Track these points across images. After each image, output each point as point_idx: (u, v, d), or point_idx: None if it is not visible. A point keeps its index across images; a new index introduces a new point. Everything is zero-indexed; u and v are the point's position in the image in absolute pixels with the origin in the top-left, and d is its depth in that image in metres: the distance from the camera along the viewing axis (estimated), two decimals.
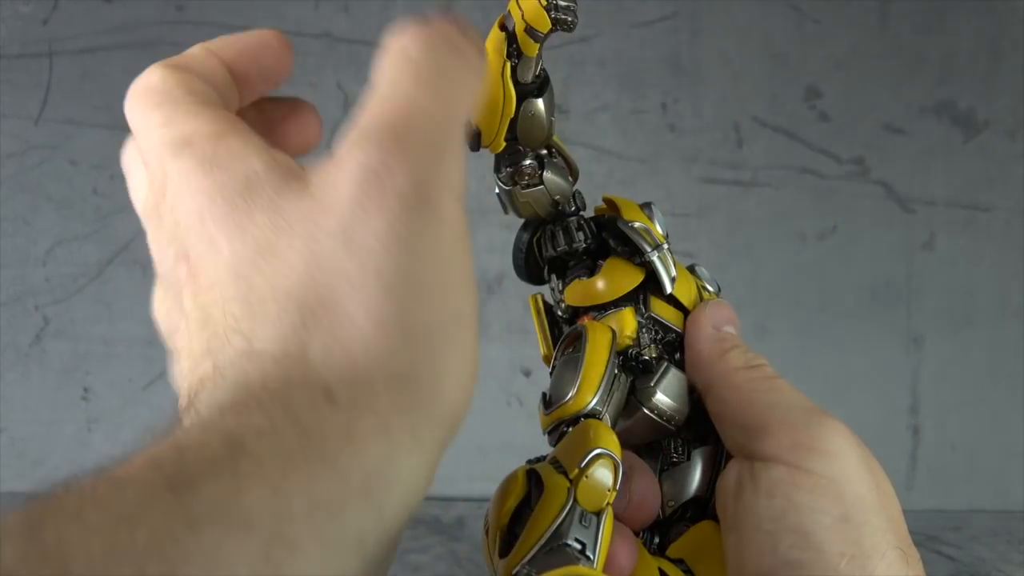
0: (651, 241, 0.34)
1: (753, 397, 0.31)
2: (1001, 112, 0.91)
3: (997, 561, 0.77)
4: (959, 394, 0.92)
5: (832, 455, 0.28)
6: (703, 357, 0.34)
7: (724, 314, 0.35)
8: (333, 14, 0.90)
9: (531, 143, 0.32)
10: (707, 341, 0.34)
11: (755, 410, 0.31)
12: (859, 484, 0.28)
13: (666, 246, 0.35)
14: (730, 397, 0.32)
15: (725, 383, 0.32)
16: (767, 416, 0.30)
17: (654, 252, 0.34)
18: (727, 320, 0.35)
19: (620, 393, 0.33)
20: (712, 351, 0.34)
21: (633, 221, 0.35)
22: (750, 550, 0.28)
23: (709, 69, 0.90)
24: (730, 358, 0.33)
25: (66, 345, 0.92)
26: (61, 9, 0.90)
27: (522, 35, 0.28)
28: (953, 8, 0.90)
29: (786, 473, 0.28)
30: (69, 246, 0.91)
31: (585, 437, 0.30)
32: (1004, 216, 0.92)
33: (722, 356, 0.33)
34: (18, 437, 0.93)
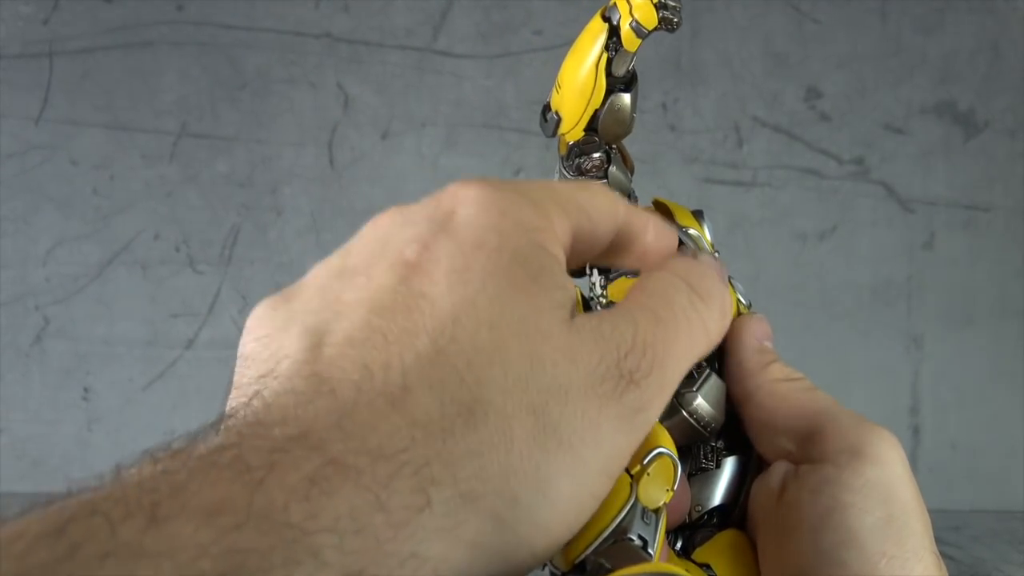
0: (702, 249, 0.35)
1: (800, 404, 0.32)
2: (1001, 112, 0.91)
3: (997, 561, 0.77)
4: (959, 394, 0.92)
5: (881, 461, 0.29)
6: (745, 368, 0.34)
7: (764, 329, 0.36)
8: (333, 14, 0.90)
9: (610, 137, 0.32)
10: (750, 352, 0.35)
11: (804, 415, 0.31)
12: (904, 489, 0.29)
13: (716, 255, 0.35)
14: (775, 405, 0.33)
15: (767, 392, 0.33)
16: (817, 422, 0.31)
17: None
18: (767, 335, 0.36)
19: None
20: (755, 362, 0.34)
21: (687, 227, 0.35)
22: (791, 548, 0.28)
23: (709, 69, 0.90)
24: (772, 370, 0.34)
25: (66, 345, 0.92)
26: (61, 9, 0.90)
27: (627, 29, 0.27)
28: (953, 8, 0.90)
29: (834, 473, 0.29)
30: (69, 246, 0.92)
31: (652, 437, 0.30)
32: (1004, 216, 0.92)
33: (764, 368, 0.34)
34: (18, 437, 0.93)
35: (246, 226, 0.92)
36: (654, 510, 0.28)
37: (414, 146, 0.91)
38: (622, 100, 0.31)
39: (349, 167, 0.92)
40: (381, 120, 0.91)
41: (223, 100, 0.91)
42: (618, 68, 0.30)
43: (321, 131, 0.91)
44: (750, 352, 0.34)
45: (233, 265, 0.92)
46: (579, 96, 0.30)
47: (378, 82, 0.91)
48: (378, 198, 0.92)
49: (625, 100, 0.31)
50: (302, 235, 0.92)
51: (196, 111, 0.91)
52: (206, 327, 0.92)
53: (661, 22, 0.27)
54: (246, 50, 0.90)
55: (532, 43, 0.90)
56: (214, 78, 0.90)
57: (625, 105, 0.31)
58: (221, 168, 0.91)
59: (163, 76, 0.90)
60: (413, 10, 0.90)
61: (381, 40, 0.91)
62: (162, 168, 0.91)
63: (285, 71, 0.90)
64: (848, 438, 0.30)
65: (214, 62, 0.90)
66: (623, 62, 0.29)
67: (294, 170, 0.92)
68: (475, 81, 0.90)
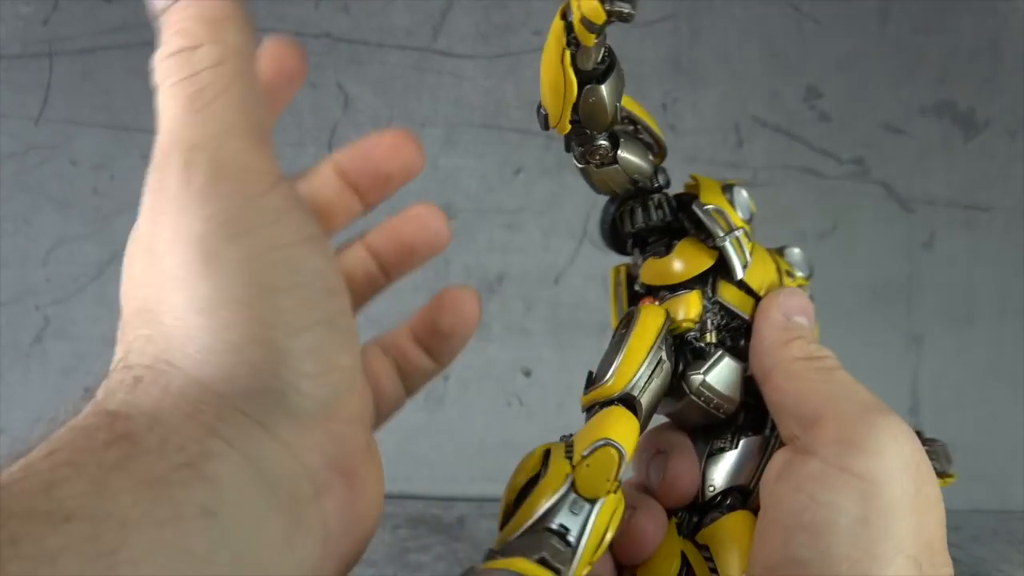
0: (724, 225, 0.34)
1: (810, 387, 0.31)
2: (1001, 112, 0.91)
3: (997, 561, 0.77)
4: (959, 394, 0.92)
5: (874, 454, 0.28)
6: (765, 344, 0.33)
7: (797, 303, 0.34)
8: (333, 14, 0.90)
9: (594, 126, 0.32)
10: (772, 328, 0.34)
11: (810, 400, 0.31)
12: (893, 487, 0.28)
13: (742, 231, 0.35)
14: (787, 387, 0.32)
15: (784, 372, 0.32)
16: (821, 408, 0.30)
17: (726, 237, 0.34)
18: (799, 309, 0.34)
19: (660, 380, 0.33)
20: (776, 339, 0.33)
21: (709, 203, 0.35)
22: (765, 543, 0.28)
23: (709, 69, 0.90)
24: (793, 347, 0.33)
25: (67, 345, 0.92)
26: (61, 9, 0.90)
27: (578, 26, 0.28)
28: (953, 8, 0.90)
29: (819, 469, 0.28)
30: (70, 246, 0.91)
31: (600, 425, 0.30)
32: (1004, 216, 0.92)
33: (785, 344, 0.33)
34: (18, 437, 0.93)
35: None
36: (590, 499, 0.28)
37: None
38: (596, 92, 0.30)
39: None
40: (381, 120, 0.91)
41: None
42: (584, 63, 0.30)
43: (321, 131, 0.91)
44: (773, 327, 0.34)
45: None
46: (553, 93, 0.31)
47: (378, 82, 0.91)
48: None
49: (599, 91, 0.30)
50: None
51: None
52: None
53: (610, 15, 0.26)
54: None
55: (532, 43, 0.90)
56: None
57: (600, 96, 0.31)
58: None
59: None
60: (413, 10, 0.90)
61: (381, 40, 0.90)
62: None
63: None
64: (844, 429, 0.29)
65: None
66: (587, 56, 0.29)
67: (294, 170, 0.91)
68: (475, 81, 0.90)
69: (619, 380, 0.32)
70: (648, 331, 0.33)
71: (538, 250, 0.90)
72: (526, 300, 0.91)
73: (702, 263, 0.35)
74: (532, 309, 0.90)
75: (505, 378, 0.91)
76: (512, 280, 0.91)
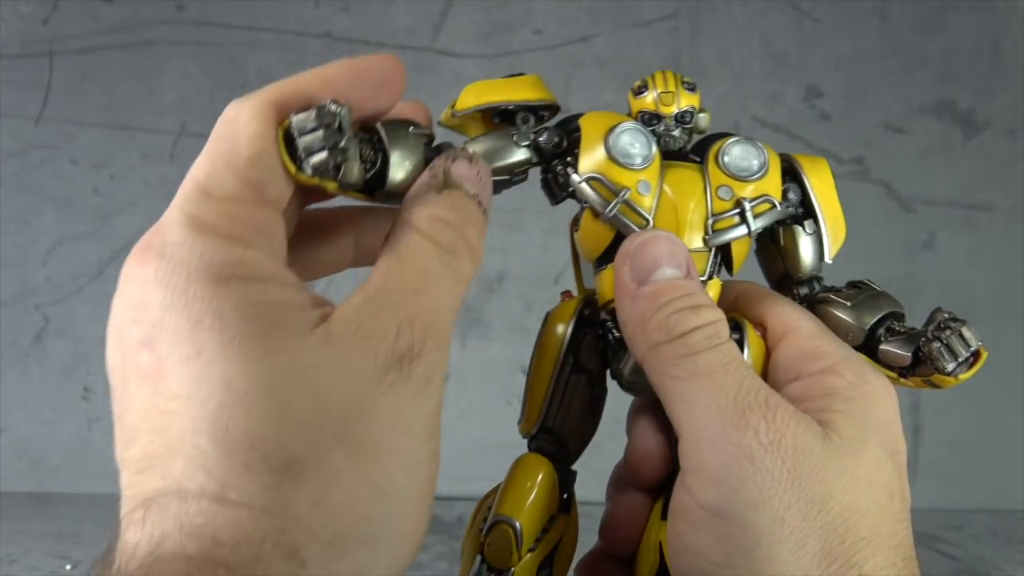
0: (606, 195, 0.31)
1: (671, 391, 0.27)
2: (1001, 112, 0.91)
3: (997, 560, 0.77)
4: (959, 393, 0.92)
5: (729, 488, 0.25)
6: (626, 329, 0.29)
7: (652, 253, 0.29)
8: (333, 14, 0.90)
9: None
10: (624, 301, 0.29)
11: (672, 412, 0.28)
12: (756, 518, 0.25)
13: (627, 191, 0.31)
14: (658, 386, 0.28)
15: (648, 367, 0.28)
16: (681, 424, 0.27)
17: (611, 209, 0.31)
18: (658, 260, 0.29)
19: (579, 391, 0.34)
20: (630, 317, 0.29)
21: (586, 170, 0.32)
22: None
23: (709, 69, 0.90)
24: (651, 329, 0.28)
25: (66, 345, 0.92)
26: (61, 9, 0.90)
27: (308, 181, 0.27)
28: (953, 8, 0.90)
29: (688, 508, 0.27)
30: (69, 246, 0.91)
31: (504, 489, 0.32)
32: (1004, 216, 0.92)
33: (642, 325, 0.28)
34: (18, 437, 0.93)
35: None
36: (502, 571, 0.31)
37: None
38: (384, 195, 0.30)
39: None
40: None
41: (223, 100, 0.90)
42: (349, 183, 0.29)
43: None
44: (625, 299, 0.29)
45: None
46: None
47: None
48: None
49: (384, 194, 0.30)
50: None
51: (196, 111, 0.91)
52: None
53: (314, 173, 0.26)
54: (246, 50, 0.90)
55: (532, 43, 0.90)
56: (214, 78, 0.90)
57: (391, 192, 0.30)
58: None
59: (163, 76, 0.90)
60: (413, 10, 0.90)
61: (381, 40, 0.90)
62: (162, 168, 0.91)
63: (285, 71, 0.90)
64: (701, 456, 0.27)
65: (214, 62, 0.90)
66: (349, 178, 0.29)
67: None
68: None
69: (527, 421, 0.34)
70: (547, 354, 0.34)
71: (538, 250, 0.90)
72: (526, 300, 0.91)
73: (602, 239, 0.33)
74: (532, 309, 0.90)
75: (505, 378, 0.91)
76: (512, 280, 0.91)
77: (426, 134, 0.32)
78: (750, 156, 0.33)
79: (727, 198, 0.32)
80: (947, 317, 0.32)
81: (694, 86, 0.35)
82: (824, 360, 0.30)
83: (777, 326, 0.32)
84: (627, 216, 0.31)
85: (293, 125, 0.27)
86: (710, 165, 0.33)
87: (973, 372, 0.32)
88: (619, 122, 0.33)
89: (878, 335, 0.33)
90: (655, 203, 0.32)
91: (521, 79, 0.35)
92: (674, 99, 0.34)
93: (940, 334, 0.31)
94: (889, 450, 0.28)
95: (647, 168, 0.32)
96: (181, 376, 0.22)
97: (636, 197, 0.31)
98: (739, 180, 0.32)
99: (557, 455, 0.34)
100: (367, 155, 0.29)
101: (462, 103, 0.34)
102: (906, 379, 0.33)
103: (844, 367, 0.29)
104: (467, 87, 0.34)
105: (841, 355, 0.30)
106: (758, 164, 0.33)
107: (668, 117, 0.33)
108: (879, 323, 0.33)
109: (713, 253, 0.33)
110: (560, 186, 0.33)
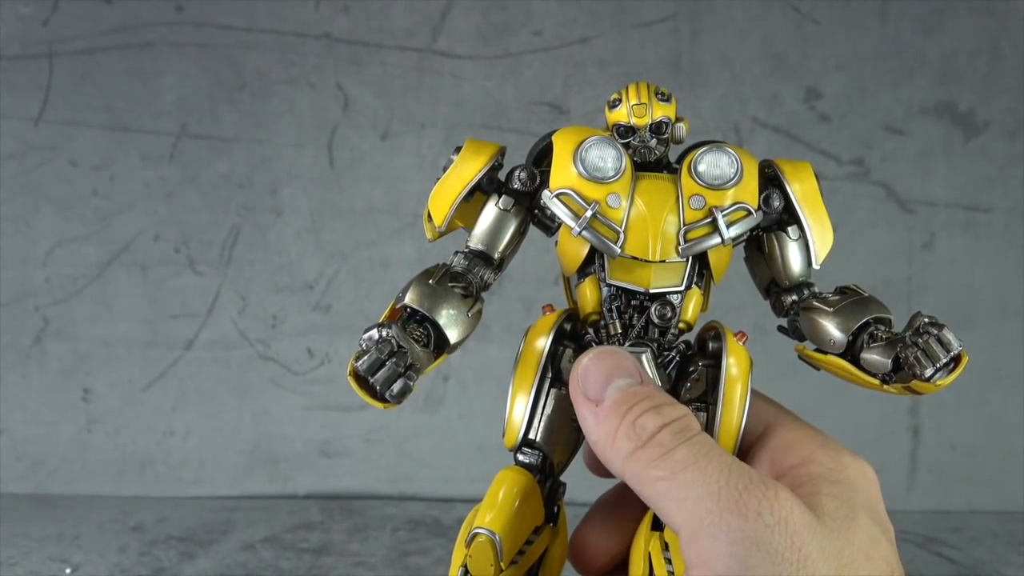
0: (576, 208, 0.32)
1: (657, 493, 0.27)
2: (1001, 112, 0.91)
3: (997, 563, 0.77)
4: (959, 394, 0.92)
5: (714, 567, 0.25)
6: (597, 450, 0.29)
7: (598, 371, 0.30)
8: (333, 14, 0.90)
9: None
10: (593, 432, 0.29)
11: (662, 510, 0.27)
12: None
13: (596, 204, 0.31)
14: (642, 492, 0.28)
15: (629, 478, 0.28)
16: (672, 520, 0.27)
17: (581, 224, 0.32)
18: (607, 375, 0.29)
19: (558, 410, 0.34)
20: (598, 439, 0.29)
21: (557, 185, 0.33)
22: None
23: (709, 69, 0.90)
24: (619, 443, 0.28)
25: (66, 346, 0.92)
26: (61, 10, 0.90)
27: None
28: (953, 8, 0.90)
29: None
30: (69, 247, 0.91)
31: (485, 503, 0.33)
32: (1004, 216, 0.92)
33: (611, 442, 0.28)
34: (18, 438, 0.93)
35: (246, 227, 0.92)
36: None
37: (414, 147, 0.91)
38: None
39: (349, 168, 0.91)
40: (381, 121, 0.91)
41: (223, 101, 0.91)
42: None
43: (321, 132, 0.91)
44: (589, 423, 0.30)
45: (233, 266, 0.92)
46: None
47: (378, 83, 0.91)
48: (378, 199, 0.92)
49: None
50: (302, 236, 0.92)
51: (196, 112, 0.91)
52: (206, 328, 0.92)
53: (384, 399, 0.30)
54: (246, 51, 0.90)
55: (532, 44, 0.90)
56: (214, 79, 0.90)
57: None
58: (221, 169, 0.91)
59: (163, 77, 0.90)
60: (413, 11, 0.90)
61: (381, 41, 0.90)
62: (162, 169, 0.91)
63: (285, 72, 0.90)
64: (695, 547, 0.27)
65: (214, 63, 0.90)
66: None
67: (294, 171, 0.91)
68: (475, 82, 0.90)
69: (509, 435, 0.34)
70: (526, 367, 0.34)
71: (538, 250, 0.89)
72: (526, 300, 0.91)
73: (578, 253, 0.33)
74: (532, 310, 0.90)
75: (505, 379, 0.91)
76: (512, 280, 0.91)
77: (457, 275, 0.35)
78: (722, 164, 0.33)
79: (699, 207, 0.32)
80: (927, 322, 0.32)
81: (669, 96, 0.35)
82: (801, 451, 0.30)
83: (754, 425, 0.32)
84: (598, 229, 0.32)
85: (360, 369, 0.30)
86: (683, 175, 0.33)
87: (953, 378, 0.31)
88: (589, 136, 0.33)
89: (861, 341, 0.33)
90: (626, 216, 0.32)
91: (463, 155, 0.35)
92: (646, 111, 0.34)
93: (918, 339, 0.31)
94: (881, 527, 0.29)
95: (617, 181, 0.32)
96: None
97: (606, 210, 0.32)
98: (712, 189, 0.32)
99: (540, 468, 0.34)
100: (420, 335, 0.32)
101: (437, 216, 0.35)
102: (888, 385, 0.32)
103: (823, 455, 0.30)
104: (429, 199, 0.36)
105: (818, 442, 0.31)
106: (731, 172, 0.33)
107: (642, 129, 0.34)
108: (863, 328, 0.33)
109: (690, 263, 0.33)
110: (548, 217, 0.34)
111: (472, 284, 0.34)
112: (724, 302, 0.37)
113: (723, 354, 0.32)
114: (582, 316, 0.34)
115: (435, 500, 0.91)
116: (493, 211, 0.35)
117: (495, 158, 0.35)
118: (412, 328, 0.32)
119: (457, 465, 0.92)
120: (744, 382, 0.32)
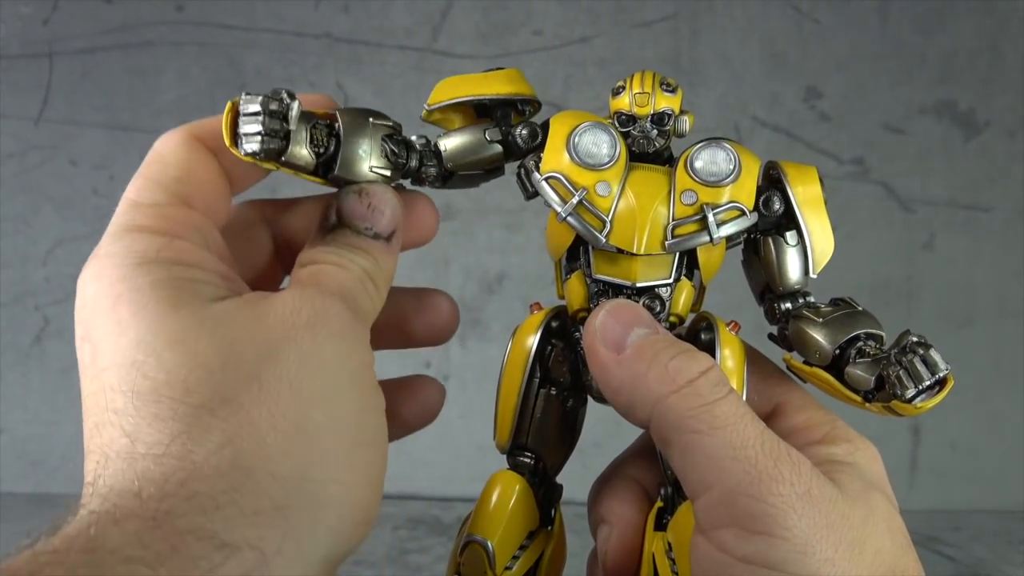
0: (564, 193, 0.31)
1: (691, 451, 0.27)
2: (1001, 112, 0.91)
3: (997, 562, 0.77)
4: (959, 394, 0.92)
5: (777, 538, 0.25)
6: (623, 399, 0.28)
7: (617, 321, 0.29)
8: (333, 14, 0.90)
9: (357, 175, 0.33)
10: (615, 378, 0.28)
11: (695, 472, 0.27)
12: (806, 563, 0.26)
13: (584, 191, 0.31)
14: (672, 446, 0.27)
15: (664, 428, 0.27)
16: (704, 480, 0.26)
17: (567, 210, 0.31)
18: (627, 323, 0.29)
19: (551, 405, 0.34)
20: (629, 385, 0.28)
21: (547, 169, 0.32)
22: None
23: (709, 69, 0.90)
24: (652, 384, 0.27)
25: (66, 345, 0.92)
26: (61, 9, 0.90)
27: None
28: (953, 8, 0.90)
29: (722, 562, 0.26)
30: (69, 246, 0.91)
31: (476, 509, 0.33)
32: (1004, 216, 0.92)
33: (643, 384, 0.27)
34: (18, 437, 0.93)
35: None
36: None
37: None
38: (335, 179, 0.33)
39: None
40: None
41: (223, 100, 0.90)
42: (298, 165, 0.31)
43: None
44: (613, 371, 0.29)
45: None
46: None
47: (378, 82, 0.91)
48: None
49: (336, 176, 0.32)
50: None
51: (196, 111, 0.91)
52: None
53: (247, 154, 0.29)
54: (246, 50, 0.90)
55: (532, 43, 0.90)
56: (214, 78, 0.90)
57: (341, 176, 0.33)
58: None
59: (163, 76, 0.90)
60: (413, 10, 0.90)
61: (381, 40, 0.90)
62: None
63: (285, 71, 0.90)
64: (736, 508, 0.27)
65: (214, 62, 0.90)
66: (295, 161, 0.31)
67: None
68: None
69: (499, 437, 0.34)
70: (514, 368, 0.33)
71: (538, 250, 0.90)
72: (526, 300, 0.90)
73: (564, 238, 0.32)
74: None
75: None
76: (512, 280, 0.91)
77: (388, 124, 0.32)
78: (719, 160, 0.32)
79: (690, 203, 0.31)
80: (914, 340, 0.31)
81: (675, 88, 0.34)
82: (816, 431, 0.31)
83: (765, 403, 0.32)
84: (584, 217, 0.31)
85: (240, 106, 0.29)
86: (679, 169, 0.32)
87: (936, 401, 0.31)
88: (584, 121, 0.32)
89: (847, 355, 0.32)
90: (614, 205, 0.31)
91: (498, 73, 0.34)
92: (649, 100, 0.33)
93: (903, 357, 0.30)
94: (892, 503, 0.30)
95: (609, 169, 0.31)
96: (106, 351, 0.26)
97: (593, 198, 0.31)
98: (707, 185, 0.31)
99: (533, 470, 0.34)
100: (320, 139, 0.30)
101: (434, 98, 0.35)
102: (870, 404, 0.32)
103: (837, 434, 0.31)
104: (441, 81, 0.35)
105: (830, 422, 0.31)
106: (728, 169, 0.32)
107: (643, 119, 0.33)
108: (852, 343, 0.32)
109: (677, 257, 0.32)
110: (531, 182, 0.33)
111: (404, 158, 0.32)
112: (724, 302, 0.37)
113: (716, 346, 0.31)
114: (570, 312, 0.34)
115: (435, 499, 0.91)
116: (479, 135, 0.34)
117: (526, 99, 0.34)
118: (319, 130, 0.30)
119: (457, 464, 0.92)
120: (739, 374, 0.31)
